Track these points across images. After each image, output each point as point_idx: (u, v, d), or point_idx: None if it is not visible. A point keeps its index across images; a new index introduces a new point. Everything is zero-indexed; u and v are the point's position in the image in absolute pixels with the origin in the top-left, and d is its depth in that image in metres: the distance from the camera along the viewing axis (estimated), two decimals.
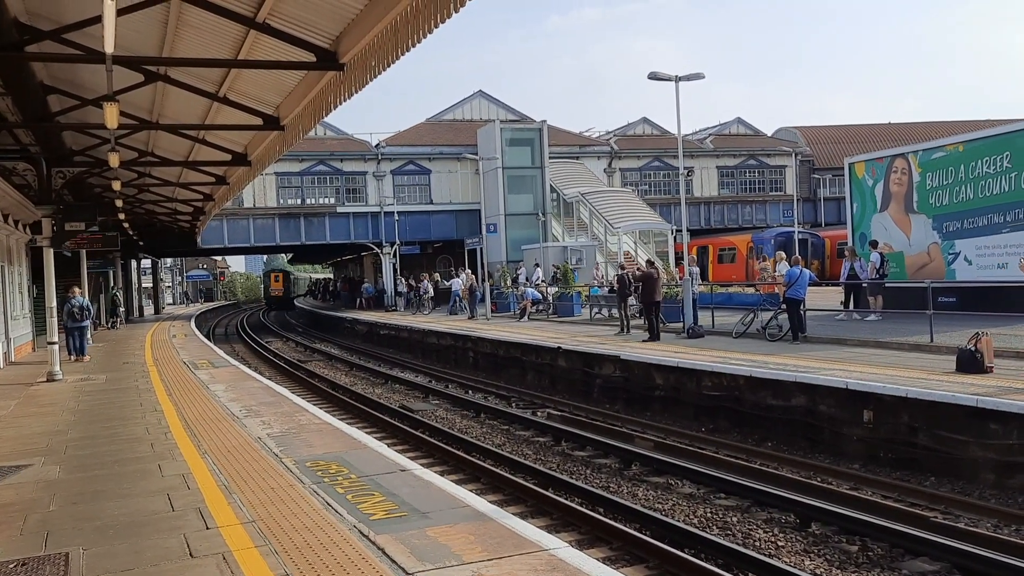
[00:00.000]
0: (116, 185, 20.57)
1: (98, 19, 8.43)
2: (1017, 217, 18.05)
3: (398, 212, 45.65)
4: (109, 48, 8.86)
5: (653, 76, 23.08)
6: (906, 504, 9.48)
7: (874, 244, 20.78)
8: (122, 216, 27.63)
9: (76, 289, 21.51)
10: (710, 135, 57.11)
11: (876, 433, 11.70)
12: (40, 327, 24.46)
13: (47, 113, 14.61)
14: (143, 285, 63.73)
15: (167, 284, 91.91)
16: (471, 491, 7.90)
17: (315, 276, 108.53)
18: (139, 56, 11.94)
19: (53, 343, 16.84)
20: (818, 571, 7.69)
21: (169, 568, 5.31)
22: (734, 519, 9.24)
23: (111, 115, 11.61)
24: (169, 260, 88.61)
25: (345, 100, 11.19)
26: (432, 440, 13.68)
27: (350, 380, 23.33)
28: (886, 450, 11.52)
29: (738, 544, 8.23)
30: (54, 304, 17.26)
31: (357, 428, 12.02)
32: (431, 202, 48.08)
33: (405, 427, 14.99)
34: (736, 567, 7.54)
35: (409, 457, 10.03)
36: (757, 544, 8.41)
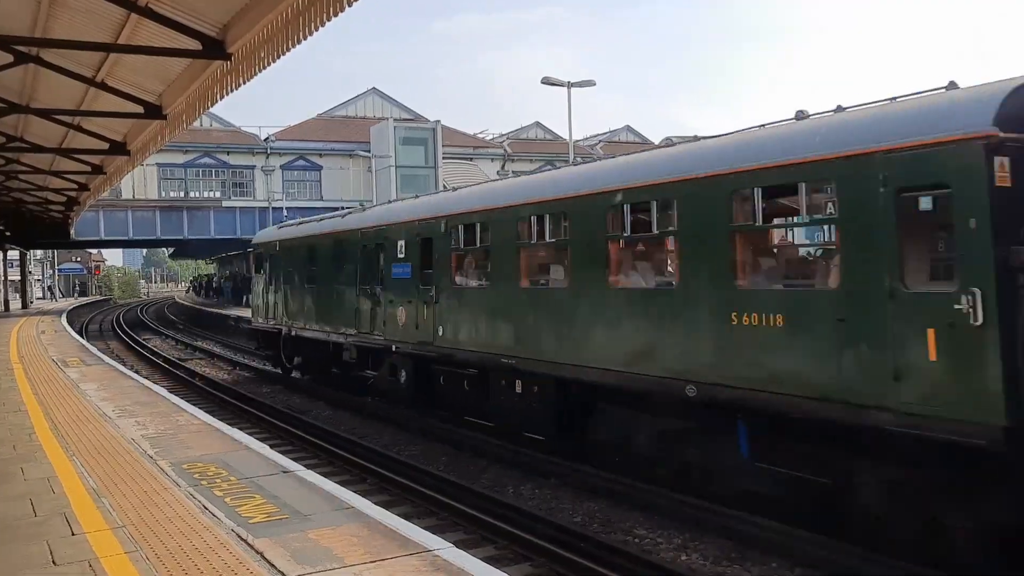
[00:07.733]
0: None
1: None
2: None
3: (287, 208, 44.62)
4: None
5: (546, 81, 23.37)
6: None
7: None
8: None
9: None
10: (600, 142, 58.33)
11: None
12: None
13: None
14: (9, 278, 60.14)
15: (36, 277, 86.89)
16: (356, 492, 7.79)
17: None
18: (8, 35, 11.27)
19: None
20: (693, 566, 7.95)
21: None
22: (615, 516, 9.43)
23: None
24: (39, 252, 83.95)
25: (232, 91, 10.91)
26: (318, 441, 13.45)
27: (233, 379, 22.65)
28: None
29: (619, 543, 8.41)
30: None
31: (238, 429, 11.63)
32: (322, 199, 47.26)
33: (290, 428, 14.68)
34: (617, 563, 7.70)
35: (293, 458, 9.80)
36: (637, 542, 8.62)
